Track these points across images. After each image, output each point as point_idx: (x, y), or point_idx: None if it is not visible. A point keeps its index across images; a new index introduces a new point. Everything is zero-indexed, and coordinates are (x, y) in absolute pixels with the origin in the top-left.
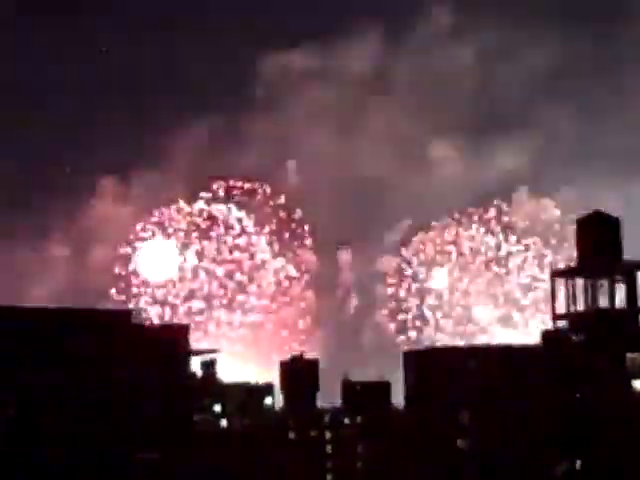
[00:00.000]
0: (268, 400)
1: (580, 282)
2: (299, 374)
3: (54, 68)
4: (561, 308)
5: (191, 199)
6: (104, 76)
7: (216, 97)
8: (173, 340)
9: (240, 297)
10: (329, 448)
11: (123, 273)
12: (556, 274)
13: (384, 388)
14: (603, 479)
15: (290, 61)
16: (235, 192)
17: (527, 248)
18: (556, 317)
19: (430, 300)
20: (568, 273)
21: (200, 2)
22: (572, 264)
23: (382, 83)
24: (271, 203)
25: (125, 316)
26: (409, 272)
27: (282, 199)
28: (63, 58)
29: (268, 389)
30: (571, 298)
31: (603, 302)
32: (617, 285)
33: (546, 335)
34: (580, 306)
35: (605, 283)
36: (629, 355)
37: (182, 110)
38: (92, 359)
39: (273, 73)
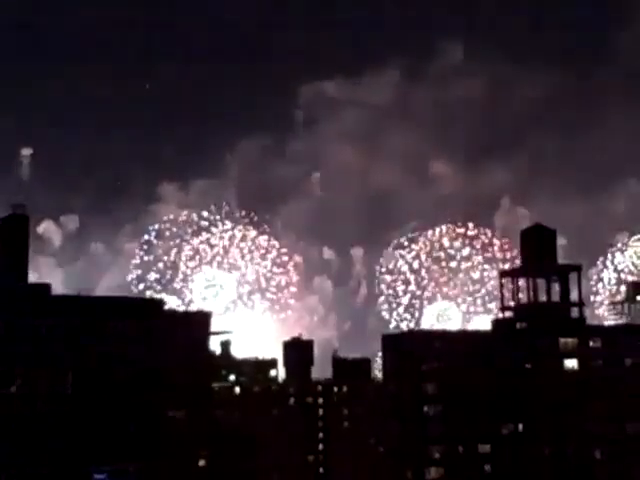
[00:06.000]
0: (273, 372)
1: (523, 281)
2: (298, 352)
3: (134, 88)
4: (508, 301)
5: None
6: (171, 98)
7: (264, 119)
8: (197, 323)
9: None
10: (321, 411)
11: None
12: (503, 274)
13: (366, 364)
14: (540, 437)
15: (325, 90)
16: None
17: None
18: (504, 309)
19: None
20: (513, 273)
21: (252, 42)
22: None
23: (400, 110)
24: None
25: (159, 303)
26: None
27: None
28: (138, 80)
29: (273, 363)
30: (516, 293)
31: (542, 297)
32: (552, 283)
33: (496, 323)
34: (523, 300)
35: (543, 281)
36: (562, 339)
37: (236, 129)
38: (132, 338)
39: (311, 100)
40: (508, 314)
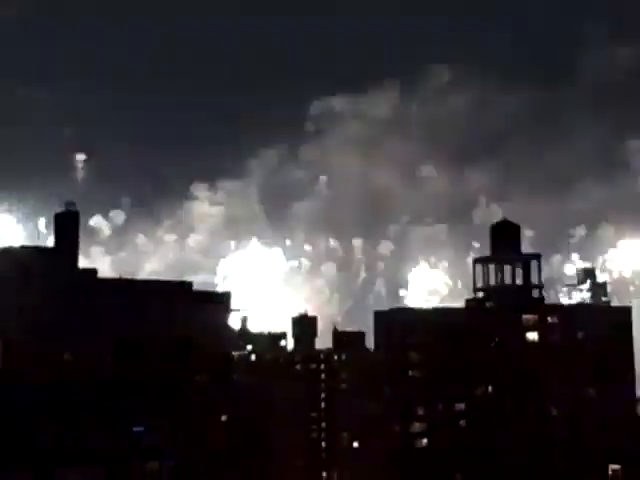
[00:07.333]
0: (283, 343)
1: (492, 266)
2: (304, 325)
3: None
4: (479, 283)
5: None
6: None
7: (281, 129)
8: (220, 302)
9: None
10: (323, 376)
11: None
12: (476, 261)
13: (361, 336)
14: (506, 398)
15: (332, 105)
16: None
17: None
18: (476, 290)
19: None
20: (484, 260)
21: (272, 62)
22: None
23: (396, 122)
24: None
25: (188, 285)
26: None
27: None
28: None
29: (283, 335)
30: (486, 277)
31: (508, 280)
32: (517, 269)
33: (469, 302)
34: (492, 282)
35: (509, 267)
36: (524, 316)
37: (257, 138)
38: (166, 315)
39: (320, 113)
40: (480, 294)
